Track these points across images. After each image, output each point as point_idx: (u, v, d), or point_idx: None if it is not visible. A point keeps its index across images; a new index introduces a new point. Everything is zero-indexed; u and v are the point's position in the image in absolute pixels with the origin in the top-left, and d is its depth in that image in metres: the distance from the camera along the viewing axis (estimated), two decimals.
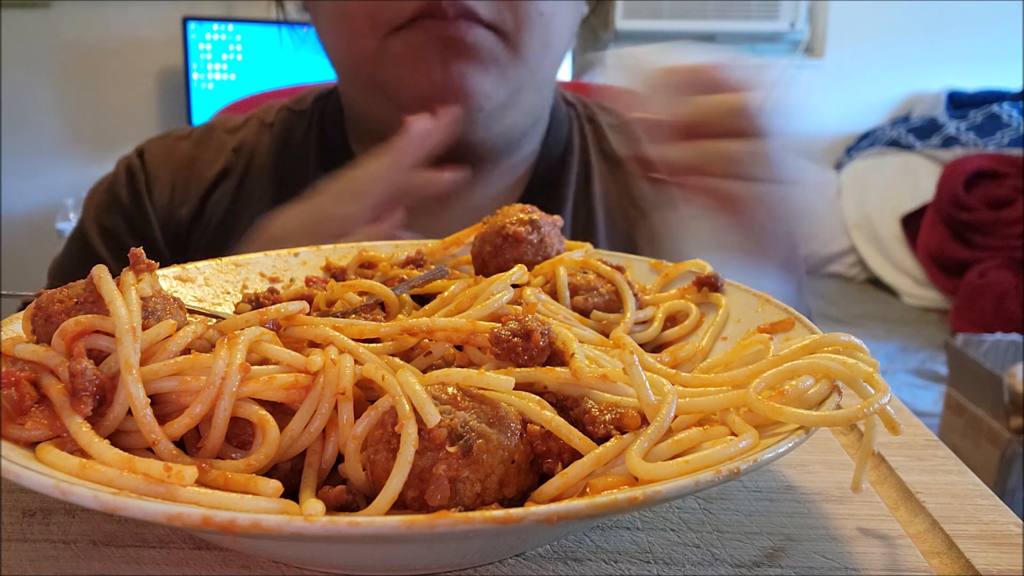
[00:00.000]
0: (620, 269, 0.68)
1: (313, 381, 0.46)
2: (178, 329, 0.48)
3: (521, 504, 0.43)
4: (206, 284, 0.71)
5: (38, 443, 0.43)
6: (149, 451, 0.44)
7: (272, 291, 0.69)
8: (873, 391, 0.45)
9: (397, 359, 0.52)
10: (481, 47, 0.94)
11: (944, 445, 0.62)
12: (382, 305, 0.62)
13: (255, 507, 0.40)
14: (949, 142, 3.63)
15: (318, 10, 1.02)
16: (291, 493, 0.43)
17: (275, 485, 0.42)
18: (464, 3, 0.92)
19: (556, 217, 0.72)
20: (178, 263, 0.71)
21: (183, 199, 1.10)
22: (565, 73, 3.52)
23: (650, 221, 1.06)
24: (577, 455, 0.44)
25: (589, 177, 1.13)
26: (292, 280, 0.74)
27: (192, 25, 3.28)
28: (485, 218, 0.72)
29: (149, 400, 0.44)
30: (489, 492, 0.42)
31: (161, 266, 0.61)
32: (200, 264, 0.72)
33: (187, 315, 0.54)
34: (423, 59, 0.94)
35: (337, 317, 0.55)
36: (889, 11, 3.83)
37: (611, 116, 1.21)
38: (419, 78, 0.95)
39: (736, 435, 0.44)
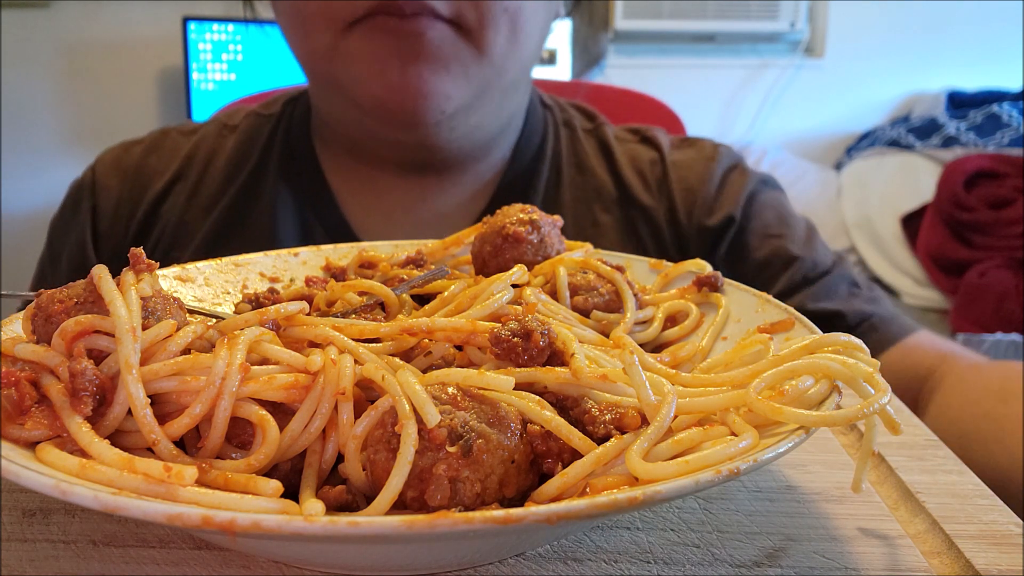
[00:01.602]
0: (620, 269, 0.68)
1: (313, 381, 0.46)
2: (178, 329, 0.48)
3: (521, 504, 0.43)
4: (206, 284, 0.71)
5: (38, 443, 0.43)
6: (149, 451, 0.44)
7: (272, 291, 0.69)
8: (873, 391, 0.45)
9: (397, 359, 0.52)
10: (441, 45, 0.90)
11: (944, 445, 0.62)
12: (382, 305, 0.62)
13: (255, 507, 0.40)
14: (949, 142, 3.63)
15: (279, 7, 0.99)
16: (291, 493, 0.43)
17: (275, 485, 0.42)
18: (422, 1, 0.88)
19: (556, 217, 0.72)
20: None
21: (131, 209, 1.07)
22: (565, 73, 3.52)
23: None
24: (577, 455, 0.44)
25: (559, 184, 1.09)
26: (292, 280, 0.74)
27: (192, 25, 3.28)
28: (485, 218, 0.72)
29: (149, 400, 0.44)
30: (489, 492, 0.42)
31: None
32: (200, 264, 0.72)
33: (187, 315, 0.54)
34: (379, 57, 0.90)
35: (337, 317, 0.55)
36: (889, 11, 3.83)
37: (587, 120, 1.17)
38: (375, 78, 0.91)
39: (736, 435, 0.44)
